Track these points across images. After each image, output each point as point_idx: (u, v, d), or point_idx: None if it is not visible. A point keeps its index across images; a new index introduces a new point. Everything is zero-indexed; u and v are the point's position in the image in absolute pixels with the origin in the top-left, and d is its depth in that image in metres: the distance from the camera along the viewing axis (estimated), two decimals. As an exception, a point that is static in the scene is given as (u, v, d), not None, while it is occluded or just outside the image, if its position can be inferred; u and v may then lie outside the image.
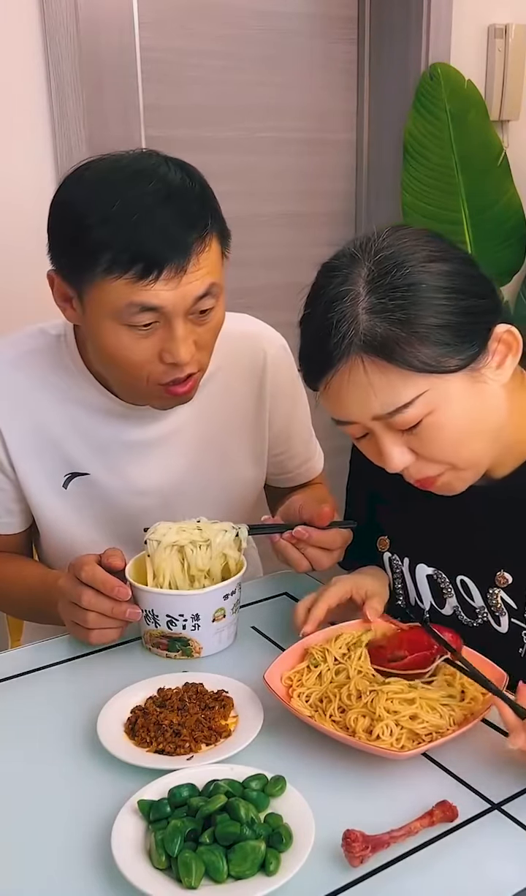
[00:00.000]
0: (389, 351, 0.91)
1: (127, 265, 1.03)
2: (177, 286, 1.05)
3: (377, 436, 0.97)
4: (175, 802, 0.80)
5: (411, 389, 0.93)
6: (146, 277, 1.03)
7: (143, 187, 1.04)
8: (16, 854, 0.80)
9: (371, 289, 0.93)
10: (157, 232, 1.03)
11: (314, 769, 0.88)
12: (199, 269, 1.06)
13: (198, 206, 1.07)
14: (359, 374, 0.93)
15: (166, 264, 1.03)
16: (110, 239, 1.03)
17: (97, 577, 1.06)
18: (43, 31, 1.89)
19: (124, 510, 1.29)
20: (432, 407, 0.94)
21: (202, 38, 2.25)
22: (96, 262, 1.04)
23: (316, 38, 2.45)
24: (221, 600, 1.08)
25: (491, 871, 0.76)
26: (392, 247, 0.95)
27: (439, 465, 0.99)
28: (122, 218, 1.03)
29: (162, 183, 1.06)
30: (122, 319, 1.07)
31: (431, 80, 2.41)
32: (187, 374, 1.12)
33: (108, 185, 1.06)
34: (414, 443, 0.97)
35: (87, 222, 1.04)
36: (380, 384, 0.93)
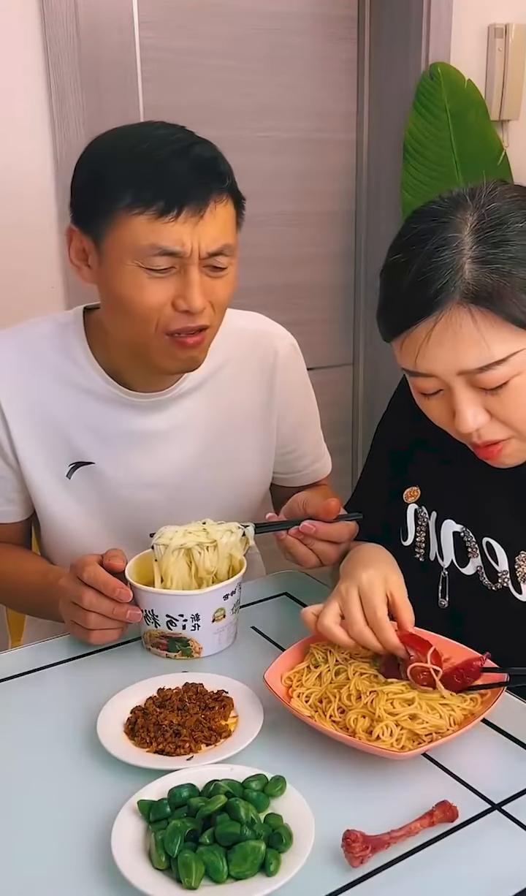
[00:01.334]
0: (495, 301, 0.91)
1: (149, 201, 1.06)
2: (194, 228, 1.07)
3: (455, 393, 0.96)
4: (175, 803, 0.80)
5: (508, 345, 0.92)
6: (167, 214, 1.06)
7: (169, 135, 1.10)
8: (16, 854, 0.80)
9: (478, 239, 0.92)
10: (180, 172, 1.06)
11: (314, 769, 0.88)
12: (215, 220, 1.09)
13: (220, 160, 1.11)
14: (461, 323, 0.92)
15: (187, 204, 1.06)
16: (135, 173, 1.07)
17: (99, 578, 1.06)
18: (43, 31, 1.89)
19: (128, 502, 1.29)
20: (522, 367, 0.93)
21: (202, 38, 2.25)
22: (119, 197, 1.07)
23: (316, 38, 2.45)
24: (221, 600, 1.08)
25: (491, 871, 0.76)
26: (500, 199, 0.95)
27: (509, 431, 0.98)
28: (149, 155, 1.07)
29: (186, 134, 1.11)
30: (140, 260, 1.08)
31: (431, 80, 2.41)
32: (199, 327, 1.13)
33: (133, 131, 1.12)
34: (493, 404, 0.96)
35: (112, 160, 1.09)
36: (480, 335, 0.92)
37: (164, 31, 2.20)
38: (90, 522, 1.30)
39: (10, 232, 1.96)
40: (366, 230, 2.64)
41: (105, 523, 1.30)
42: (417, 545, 1.17)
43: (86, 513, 1.30)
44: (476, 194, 0.96)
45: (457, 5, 2.43)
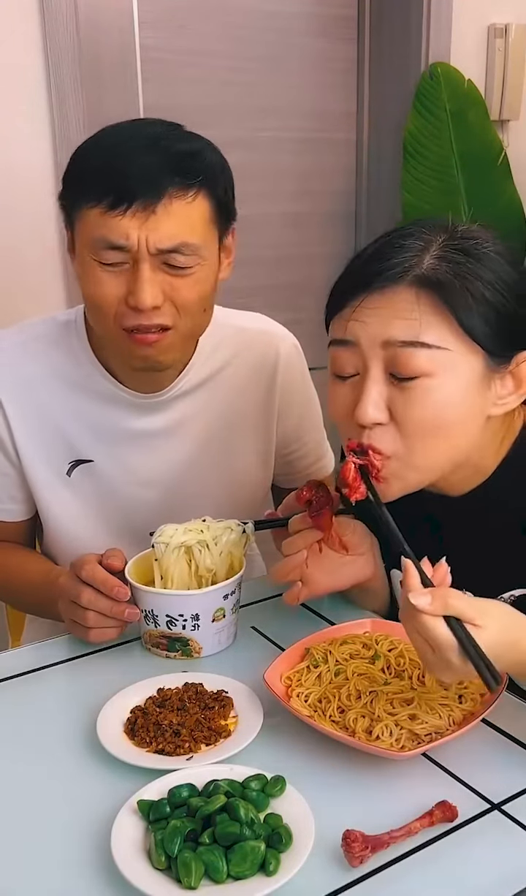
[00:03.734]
0: (445, 291, 0.92)
1: (101, 194, 1.07)
2: (143, 224, 1.07)
3: (367, 375, 0.95)
4: (175, 802, 0.80)
5: (439, 336, 0.92)
6: (116, 209, 1.06)
7: (141, 129, 1.12)
8: (15, 854, 0.80)
9: (445, 245, 0.95)
10: (135, 166, 1.07)
11: (314, 769, 0.88)
12: (171, 216, 1.07)
13: (190, 157, 1.09)
14: (404, 298, 0.93)
15: (136, 198, 1.06)
16: (95, 168, 1.09)
17: (97, 576, 1.06)
18: (43, 31, 1.89)
19: (127, 501, 1.29)
20: (441, 370, 0.92)
21: (202, 38, 2.26)
22: (80, 192, 1.10)
23: (316, 38, 2.45)
24: (221, 600, 1.08)
25: (491, 871, 0.76)
26: (472, 230, 0.98)
27: (397, 445, 0.95)
28: (112, 149, 1.09)
29: (163, 129, 1.12)
30: (93, 253, 1.10)
31: (431, 80, 2.41)
32: (156, 326, 1.12)
33: (112, 128, 1.14)
34: (398, 401, 0.94)
35: (82, 155, 1.12)
36: (419, 313, 0.92)
37: (164, 31, 2.20)
38: (90, 521, 1.31)
39: (9, 232, 1.96)
40: (366, 230, 2.64)
41: (105, 522, 1.31)
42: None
43: (85, 511, 1.30)
44: (457, 226, 0.99)
45: (457, 5, 2.43)
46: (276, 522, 1.16)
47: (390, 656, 1.01)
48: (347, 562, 1.10)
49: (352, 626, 1.08)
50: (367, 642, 1.04)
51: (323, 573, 1.09)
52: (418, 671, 0.98)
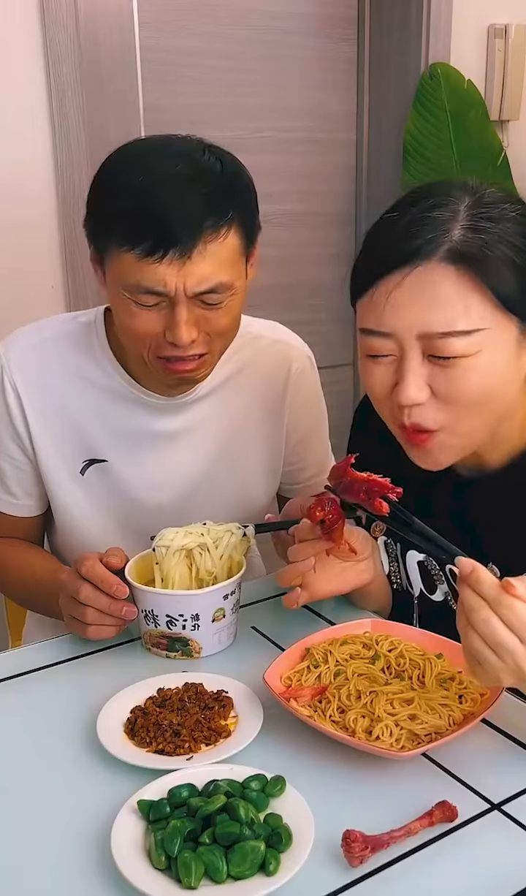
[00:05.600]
0: (480, 265, 0.90)
1: (136, 239, 1.06)
2: (179, 270, 1.06)
3: (406, 360, 0.93)
4: (175, 802, 0.80)
5: (477, 319, 0.90)
6: (152, 256, 1.05)
7: (171, 167, 1.08)
8: (15, 854, 0.80)
9: (471, 214, 0.92)
10: (170, 211, 1.05)
11: (314, 769, 0.88)
12: (205, 260, 1.07)
13: (222, 194, 1.08)
14: (439, 278, 0.90)
15: (172, 246, 1.05)
16: (126, 210, 1.07)
17: (97, 573, 1.06)
18: (43, 31, 1.89)
19: (138, 502, 1.30)
20: (481, 348, 0.91)
21: (202, 38, 2.25)
22: (112, 231, 1.08)
23: (316, 38, 2.45)
24: (221, 600, 1.08)
25: (491, 871, 0.76)
26: (495, 191, 0.96)
27: (441, 420, 0.95)
28: (143, 192, 1.07)
29: (192, 166, 1.08)
30: (129, 293, 1.10)
31: (431, 80, 2.41)
32: (192, 355, 1.14)
33: (140, 159, 1.10)
34: (439, 379, 0.93)
35: (112, 191, 1.10)
36: (458, 296, 0.90)
37: (164, 31, 2.20)
38: (101, 520, 1.31)
39: (10, 232, 1.96)
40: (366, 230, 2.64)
41: (115, 521, 1.31)
42: (393, 574, 1.19)
43: (97, 510, 1.31)
44: (470, 182, 0.97)
45: (457, 5, 2.43)
46: (276, 526, 1.16)
47: (390, 656, 1.01)
48: (348, 567, 1.10)
49: (352, 626, 1.08)
50: (367, 642, 1.04)
51: (324, 578, 1.09)
52: (418, 671, 0.98)
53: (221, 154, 1.13)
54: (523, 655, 0.80)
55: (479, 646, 0.82)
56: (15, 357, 1.27)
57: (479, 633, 0.81)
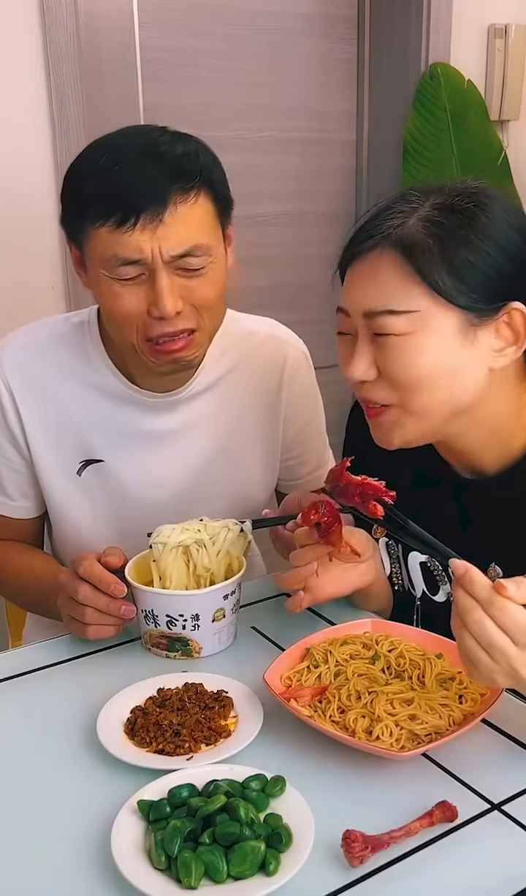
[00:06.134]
0: (417, 253, 0.95)
1: (107, 213, 1.07)
2: (153, 234, 1.07)
3: (357, 338, 1.00)
4: (175, 802, 0.80)
5: (409, 301, 0.95)
6: (124, 225, 1.07)
7: (132, 144, 1.11)
8: (16, 854, 0.80)
9: (433, 205, 0.98)
10: (135, 181, 1.07)
11: (314, 769, 0.88)
12: (178, 222, 1.08)
13: (186, 161, 1.10)
14: (379, 265, 0.97)
15: (142, 211, 1.07)
16: (95, 190, 1.09)
17: (95, 572, 1.06)
18: (43, 31, 1.89)
19: (136, 501, 1.30)
20: (416, 328, 0.96)
21: (202, 38, 2.25)
22: (86, 213, 1.10)
23: (316, 38, 2.44)
24: (221, 600, 1.08)
25: (491, 871, 0.76)
26: (465, 185, 1.01)
27: (392, 396, 0.99)
28: (109, 166, 1.09)
29: (151, 142, 1.11)
30: (108, 271, 1.11)
31: (431, 80, 2.41)
32: (181, 331, 1.14)
33: (104, 142, 1.14)
34: (381, 357, 0.98)
35: (80, 177, 1.12)
36: (390, 280, 0.96)
37: (164, 31, 2.20)
38: (99, 520, 1.31)
39: (9, 232, 1.96)
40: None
41: (113, 521, 1.31)
42: (394, 575, 1.19)
43: (94, 510, 1.31)
44: (456, 183, 1.01)
45: (457, 5, 2.43)
46: (273, 521, 1.16)
47: (390, 657, 1.01)
48: (349, 569, 1.10)
49: (352, 626, 1.08)
50: (367, 642, 1.04)
51: (326, 581, 1.09)
52: (418, 671, 0.98)
53: (184, 134, 1.15)
54: (516, 656, 0.80)
55: (472, 646, 0.82)
56: (9, 359, 1.27)
57: (472, 633, 0.82)
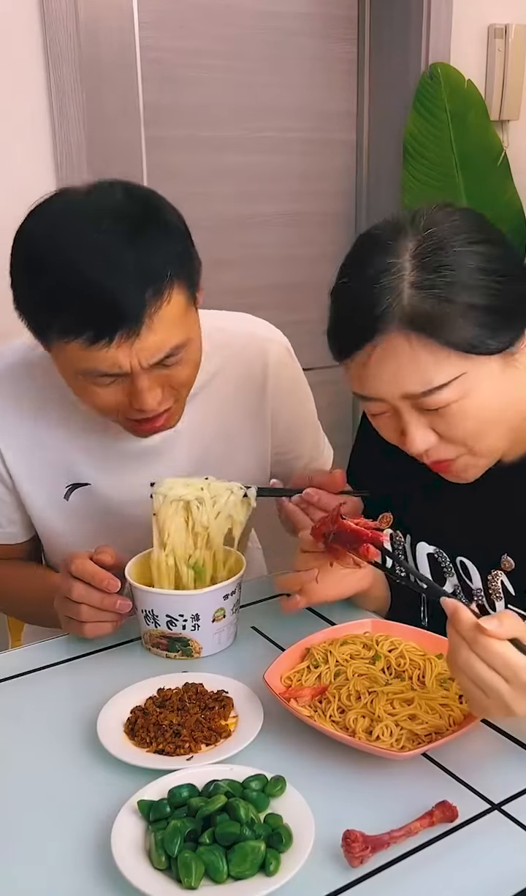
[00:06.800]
0: (434, 327, 0.91)
1: (77, 331, 1.00)
2: (131, 348, 1.01)
3: (402, 415, 0.97)
4: (175, 803, 0.80)
5: (450, 370, 0.92)
6: (97, 343, 1.00)
7: (92, 240, 0.99)
8: (15, 854, 0.80)
9: (417, 264, 0.92)
10: (106, 297, 0.98)
11: (314, 769, 0.88)
12: (154, 331, 1.01)
13: (156, 256, 1.01)
14: (400, 348, 0.92)
15: (117, 331, 0.99)
16: (59, 301, 1.00)
17: (87, 569, 1.06)
18: (43, 31, 1.89)
19: (125, 519, 1.27)
20: (466, 391, 0.93)
21: (202, 38, 2.26)
22: (48, 323, 1.03)
23: (316, 38, 2.45)
24: (221, 600, 1.08)
25: (491, 871, 0.76)
26: (441, 224, 0.95)
27: (458, 448, 0.98)
28: (70, 275, 0.99)
29: (114, 233, 1.00)
30: (83, 377, 1.06)
31: (431, 80, 2.41)
32: (162, 412, 1.11)
33: (57, 235, 1.02)
34: (438, 424, 0.96)
35: (37, 276, 1.02)
36: (420, 361, 0.92)
37: (164, 31, 2.20)
38: (89, 539, 1.28)
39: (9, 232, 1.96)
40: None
41: (105, 539, 1.27)
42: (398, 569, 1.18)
43: (84, 531, 1.28)
44: (416, 219, 0.95)
45: (457, 5, 2.43)
46: (279, 492, 1.15)
47: (391, 657, 1.01)
48: (348, 574, 1.10)
49: (352, 626, 1.08)
50: (367, 643, 1.04)
51: (324, 585, 1.09)
52: (418, 672, 0.98)
53: (143, 202, 1.04)
54: (507, 693, 0.81)
55: (466, 684, 0.83)
56: None
57: (463, 672, 0.83)
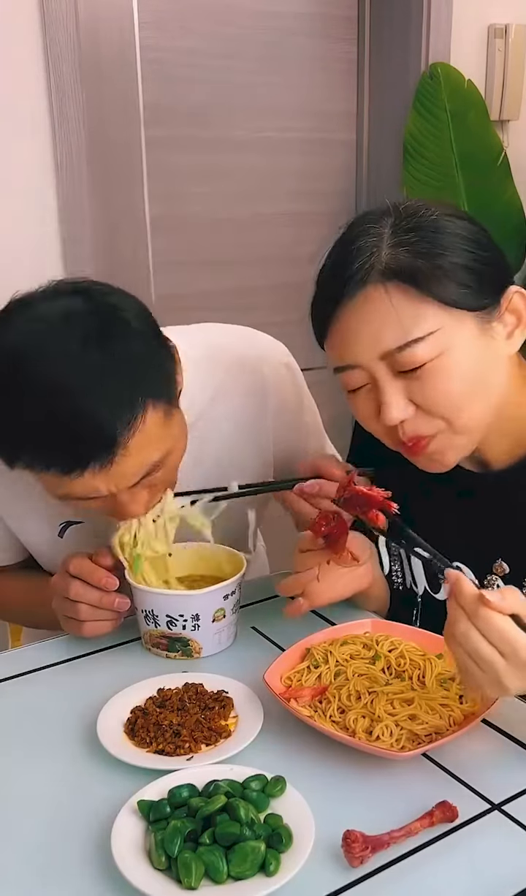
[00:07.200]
0: (412, 276, 0.92)
1: (47, 465, 0.96)
2: (107, 475, 0.97)
3: (379, 383, 0.96)
4: (175, 803, 0.80)
5: (427, 323, 0.92)
6: (70, 474, 0.95)
7: (56, 379, 0.92)
8: (15, 854, 0.80)
9: (395, 230, 0.95)
10: (72, 436, 0.93)
11: (314, 769, 0.88)
12: (130, 455, 0.96)
13: (126, 381, 0.95)
14: (379, 301, 0.93)
15: (88, 465, 0.94)
16: (21, 442, 0.96)
17: (84, 568, 1.05)
18: (43, 30, 1.89)
19: None
20: (442, 348, 0.93)
21: (202, 37, 2.25)
22: (15, 461, 0.98)
23: (316, 38, 2.45)
24: (221, 600, 1.08)
25: (491, 871, 0.76)
26: (418, 203, 0.98)
27: (436, 423, 0.97)
28: (31, 421, 0.93)
29: (78, 370, 0.93)
30: (64, 497, 1.02)
31: (431, 80, 2.41)
32: (148, 500, 1.08)
33: (17, 371, 0.94)
34: (416, 391, 0.95)
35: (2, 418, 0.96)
36: (396, 312, 0.92)
37: (164, 31, 2.20)
38: None
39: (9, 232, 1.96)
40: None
41: None
42: (395, 573, 1.19)
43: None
44: (398, 205, 0.99)
45: (457, 5, 2.43)
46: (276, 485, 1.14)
47: (391, 657, 1.01)
48: (347, 573, 1.10)
49: (352, 626, 1.08)
50: (367, 643, 1.04)
51: (324, 585, 1.08)
52: (419, 672, 0.98)
53: (109, 314, 0.98)
54: (503, 667, 0.81)
55: (462, 657, 0.83)
56: None
57: (460, 644, 0.82)
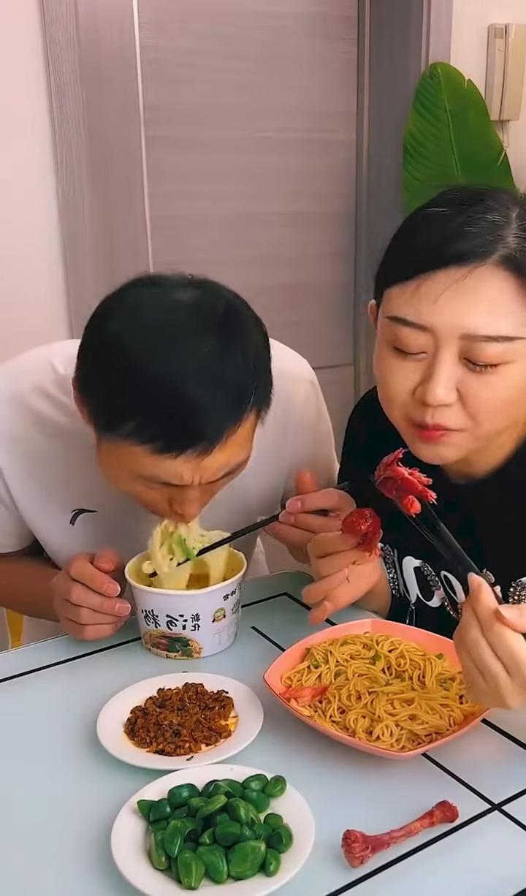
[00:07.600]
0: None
1: (150, 438, 0.97)
2: (198, 465, 0.99)
3: (440, 358, 0.91)
4: (175, 803, 0.80)
5: (521, 325, 0.90)
6: (167, 453, 0.97)
7: (187, 358, 0.96)
8: (15, 854, 0.80)
9: (522, 223, 0.91)
10: (188, 413, 0.95)
11: (314, 769, 0.88)
12: (224, 451, 0.99)
13: (244, 383, 0.99)
14: (491, 282, 0.88)
15: (189, 448, 0.97)
16: (138, 408, 0.96)
17: (86, 572, 1.05)
18: (43, 30, 1.89)
19: (132, 540, 1.22)
20: (517, 358, 0.91)
21: (202, 37, 2.26)
22: (119, 424, 0.98)
23: (316, 38, 2.45)
24: (221, 600, 1.08)
25: (491, 871, 0.76)
26: None
27: (465, 421, 0.94)
28: (156, 390, 0.95)
29: (208, 354, 0.97)
30: (135, 476, 1.03)
31: (431, 80, 2.41)
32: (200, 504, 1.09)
33: (153, 342, 0.97)
34: (470, 384, 0.91)
35: (120, 380, 0.97)
36: (502, 302, 0.89)
37: (164, 31, 2.20)
38: None
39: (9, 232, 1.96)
40: (366, 230, 2.64)
41: None
42: (389, 581, 1.19)
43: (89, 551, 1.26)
44: (517, 193, 0.95)
45: (457, 5, 2.43)
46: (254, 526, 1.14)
47: (391, 657, 1.01)
48: (358, 570, 1.08)
49: (352, 626, 1.08)
50: (367, 643, 1.04)
51: (345, 586, 1.06)
52: (419, 672, 0.98)
53: (238, 315, 1.01)
54: (505, 682, 0.80)
55: (468, 664, 0.83)
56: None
57: (468, 652, 0.82)
